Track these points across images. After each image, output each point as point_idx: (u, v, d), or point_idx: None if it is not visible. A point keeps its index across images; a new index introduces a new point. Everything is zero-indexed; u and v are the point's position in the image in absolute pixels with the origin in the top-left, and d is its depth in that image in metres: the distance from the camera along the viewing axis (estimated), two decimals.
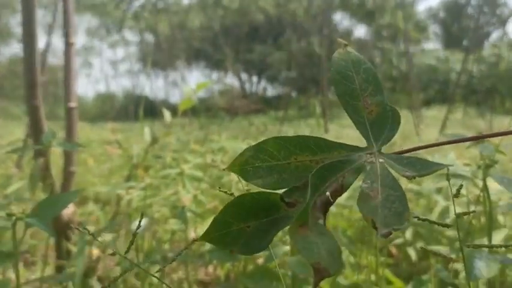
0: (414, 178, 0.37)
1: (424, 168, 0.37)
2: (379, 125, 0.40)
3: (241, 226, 0.38)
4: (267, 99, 15.38)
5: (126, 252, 0.44)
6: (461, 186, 0.41)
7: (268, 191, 0.39)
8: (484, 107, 10.06)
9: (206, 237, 0.38)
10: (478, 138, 0.41)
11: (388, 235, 0.34)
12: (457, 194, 0.41)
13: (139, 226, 0.45)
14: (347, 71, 0.41)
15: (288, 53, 12.15)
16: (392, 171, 0.38)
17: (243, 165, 0.39)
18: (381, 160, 0.38)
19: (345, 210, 1.83)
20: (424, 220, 0.41)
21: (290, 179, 0.39)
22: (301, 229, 0.35)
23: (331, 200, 0.39)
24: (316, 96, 10.66)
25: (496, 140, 0.95)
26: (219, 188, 0.49)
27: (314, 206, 0.37)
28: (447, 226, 0.40)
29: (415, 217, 0.41)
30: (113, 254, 0.43)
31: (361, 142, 0.42)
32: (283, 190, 0.39)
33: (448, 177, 0.41)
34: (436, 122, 7.26)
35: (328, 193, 0.38)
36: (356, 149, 0.40)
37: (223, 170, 0.40)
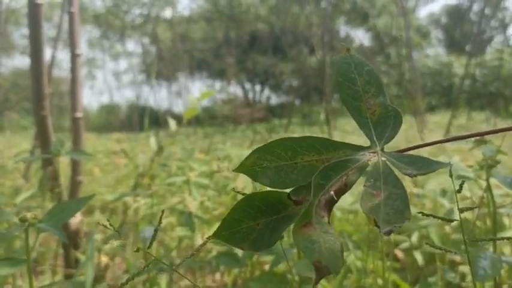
0: (416, 176, 0.38)
1: (425, 166, 0.38)
2: (382, 125, 0.41)
3: (250, 224, 0.40)
4: (270, 108, 15.42)
5: (149, 247, 0.46)
6: (463, 182, 0.42)
7: (276, 190, 0.41)
8: (488, 111, 10.04)
9: (217, 235, 0.40)
10: (477, 136, 0.42)
11: (390, 232, 0.35)
12: (460, 190, 0.42)
13: (157, 229, 0.47)
14: (350, 73, 0.42)
15: (291, 62, 12.19)
16: (395, 170, 0.40)
17: (251, 166, 0.41)
18: (383, 158, 0.40)
19: (350, 215, 1.84)
20: (428, 215, 0.42)
21: (297, 179, 0.41)
22: (304, 228, 0.36)
23: (335, 199, 0.40)
24: (320, 103, 10.68)
25: (498, 140, 0.96)
26: (232, 189, 0.51)
27: (318, 205, 0.39)
28: (451, 221, 0.41)
29: (419, 212, 0.43)
30: (137, 251, 0.44)
31: None
32: (290, 189, 0.41)
33: (450, 173, 0.42)
34: (440, 127, 7.25)
35: (332, 192, 0.40)
36: (360, 148, 0.41)
37: (233, 171, 0.42)
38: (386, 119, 0.41)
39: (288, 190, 0.41)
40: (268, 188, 0.41)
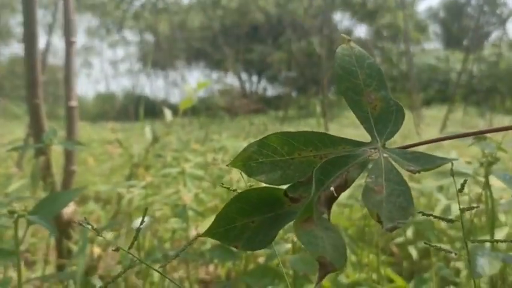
0: (419, 172, 0.36)
1: (428, 162, 0.36)
2: (383, 120, 0.40)
3: (245, 221, 0.38)
4: (267, 99, 15.37)
5: (130, 247, 0.44)
6: (465, 181, 0.41)
7: (272, 186, 0.39)
8: (484, 106, 10.06)
9: (210, 232, 0.38)
10: (477, 134, 0.41)
11: (393, 229, 0.34)
12: (462, 189, 0.40)
13: (142, 222, 0.45)
14: (351, 66, 0.41)
15: (288, 53, 12.14)
16: (397, 166, 0.38)
17: (246, 161, 0.39)
18: (385, 155, 0.38)
19: (345, 209, 1.83)
20: (428, 215, 0.41)
21: (294, 175, 0.39)
22: (306, 224, 0.34)
23: (335, 195, 0.39)
24: (316, 95, 10.65)
25: (498, 137, 0.94)
26: (222, 184, 0.49)
27: (318, 201, 0.37)
28: (451, 221, 0.40)
29: (420, 212, 0.41)
30: (116, 250, 0.43)
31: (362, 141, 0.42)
32: (287, 185, 0.39)
33: (452, 172, 0.41)
34: (436, 121, 7.26)
35: (332, 188, 0.38)
36: (360, 144, 0.40)
37: (227, 165, 0.40)
38: (388, 114, 0.40)
39: (284, 186, 0.39)
40: (264, 184, 0.39)
